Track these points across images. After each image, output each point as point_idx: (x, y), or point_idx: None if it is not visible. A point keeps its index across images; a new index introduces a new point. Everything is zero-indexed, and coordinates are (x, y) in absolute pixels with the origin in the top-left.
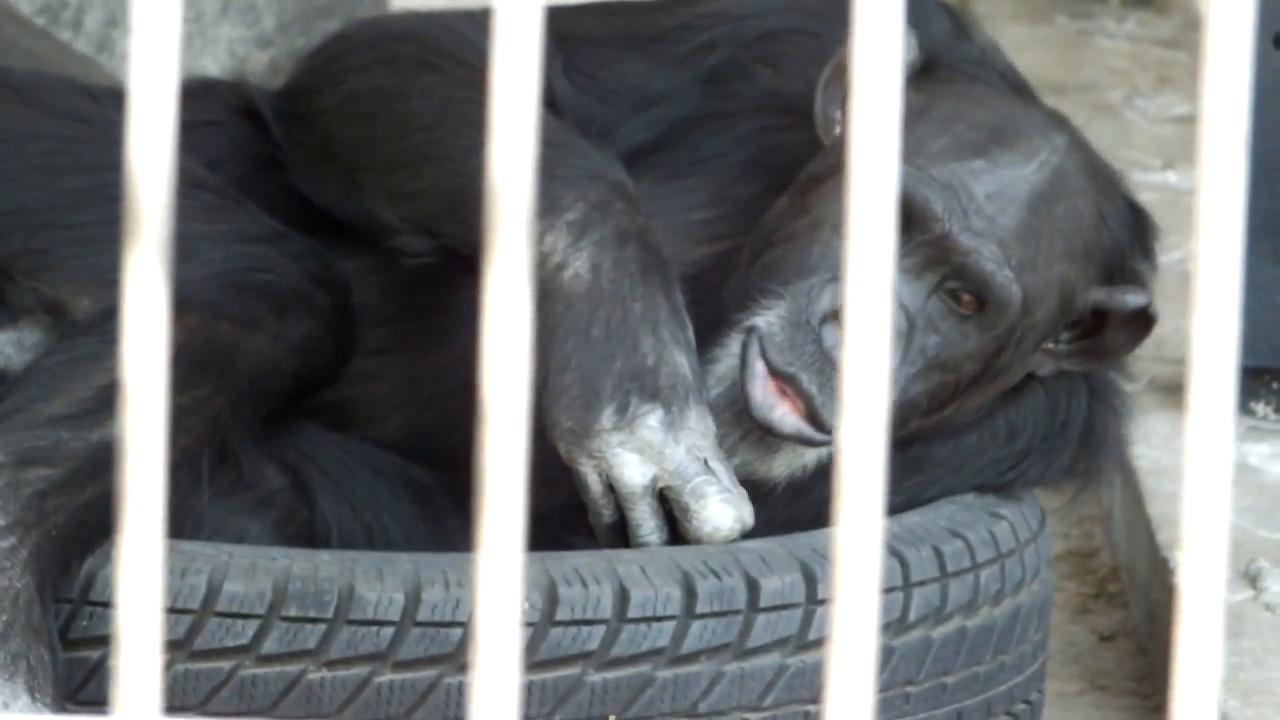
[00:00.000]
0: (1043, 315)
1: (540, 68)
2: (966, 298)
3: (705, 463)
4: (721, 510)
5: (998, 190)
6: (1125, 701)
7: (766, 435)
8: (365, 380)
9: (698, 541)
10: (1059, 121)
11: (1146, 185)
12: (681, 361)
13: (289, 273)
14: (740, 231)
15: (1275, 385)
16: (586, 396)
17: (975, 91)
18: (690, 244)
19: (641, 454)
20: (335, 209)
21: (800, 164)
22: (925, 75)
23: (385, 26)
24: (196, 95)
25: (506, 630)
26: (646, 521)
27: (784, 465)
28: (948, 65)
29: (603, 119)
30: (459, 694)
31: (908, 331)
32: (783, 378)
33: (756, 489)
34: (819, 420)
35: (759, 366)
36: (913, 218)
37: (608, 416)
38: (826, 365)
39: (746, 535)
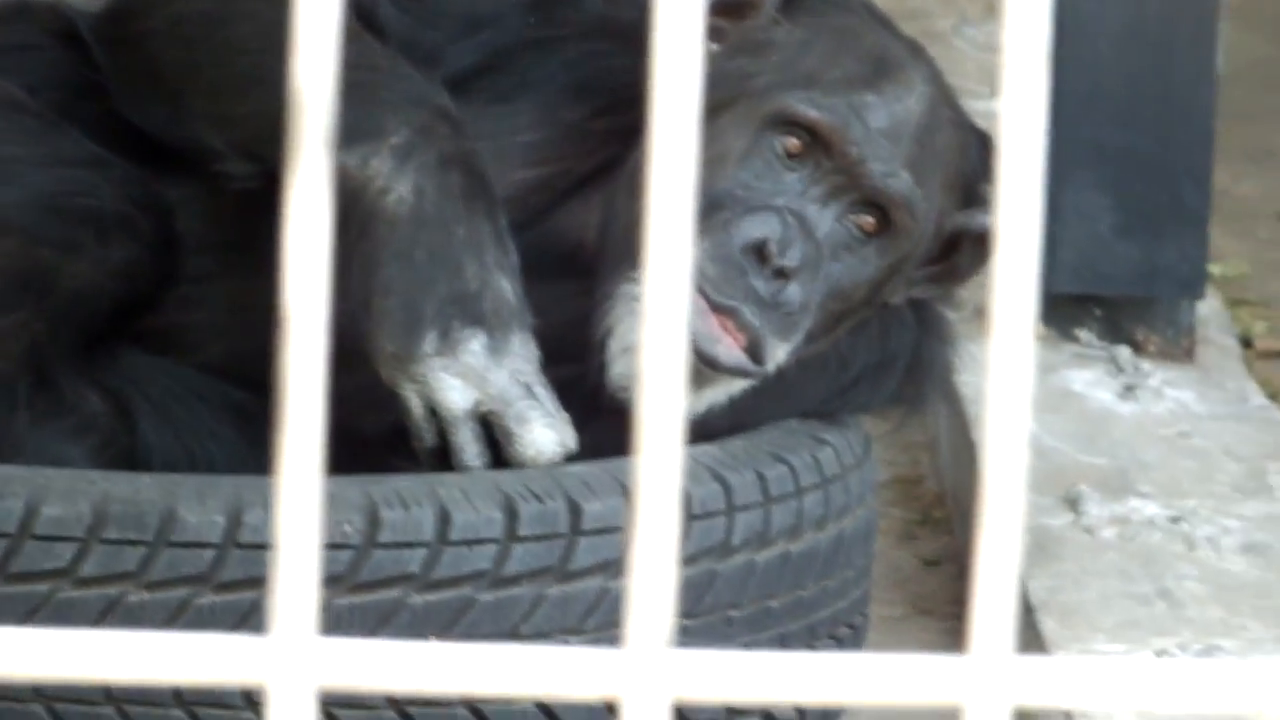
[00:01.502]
0: (926, 242)
1: None
2: (869, 220)
3: (528, 387)
4: (544, 434)
5: (889, 124)
6: (948, 625)
7: (706, 369)
8: (188, 307)
9: (520, 465)
10: (920, 50)
11: (974, 113)
12: (505, 286)
13: (110, 197)
14: (566, 155)
15: (1099, 312)
16: (408, 321)
17: (849, 23)
18: (516, 167)
19: (464, 378)
20: (160, 133)
21: (627, 88)
22: (792, 5)
23: None
24: (11, 18)
25: (306, 549)
26: (469, 445)
27: (707, 400)
28: None
29: (429, 43)
30: None
31: (815, 259)
32: (724, 311)
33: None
34: (759, 354)
35: (700, 301)
36: (823, 143)
37: (430, 341)
38: (761, 298)
39: (570, 459)
